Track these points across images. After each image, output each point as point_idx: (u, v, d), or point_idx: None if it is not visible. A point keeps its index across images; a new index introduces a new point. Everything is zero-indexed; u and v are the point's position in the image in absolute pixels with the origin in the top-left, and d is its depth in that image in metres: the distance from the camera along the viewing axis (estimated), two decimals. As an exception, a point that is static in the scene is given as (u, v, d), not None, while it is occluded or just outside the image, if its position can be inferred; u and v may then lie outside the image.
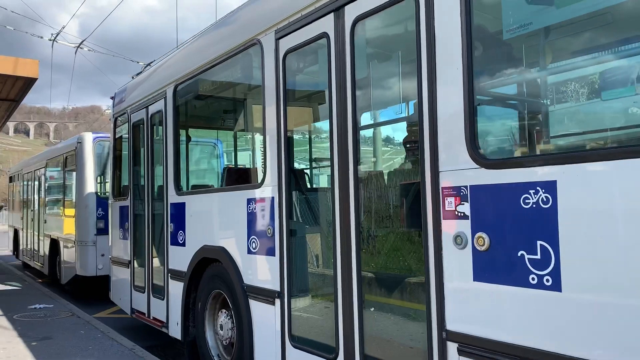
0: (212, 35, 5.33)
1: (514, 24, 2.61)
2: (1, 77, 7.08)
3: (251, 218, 4.37)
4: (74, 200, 10.22)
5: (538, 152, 2.98)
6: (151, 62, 15.59)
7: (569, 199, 2.19)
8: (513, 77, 3.03)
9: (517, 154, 2.99)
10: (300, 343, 3.82)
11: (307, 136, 7.00)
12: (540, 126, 3.06)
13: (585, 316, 2.14)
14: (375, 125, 5.80)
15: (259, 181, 4.30)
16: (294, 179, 4.21)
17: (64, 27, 15.09)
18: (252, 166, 7.40)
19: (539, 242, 2.29)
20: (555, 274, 2.23)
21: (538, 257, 2.29)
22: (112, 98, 7.69)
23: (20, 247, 15.48)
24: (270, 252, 4.08)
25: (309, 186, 5.67)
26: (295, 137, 6.65)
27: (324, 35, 3.55)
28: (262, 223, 4.21)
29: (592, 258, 2.13)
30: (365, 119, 5.75)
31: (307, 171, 6.62)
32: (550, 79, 2.98)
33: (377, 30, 3.59)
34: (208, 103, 6.48)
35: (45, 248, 12.09)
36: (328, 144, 3.56)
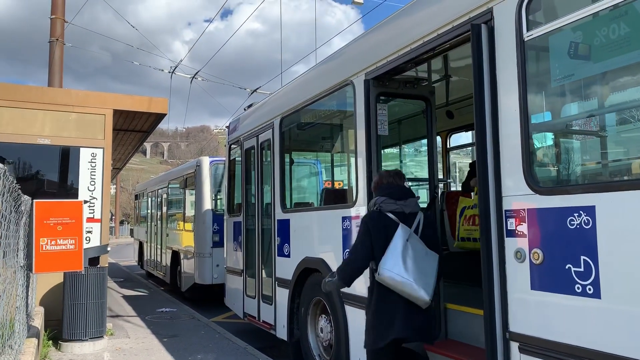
0: (312, 75, 6.13)
1: (561, 74, 3.09)
2: (138, 114, 8.44)
3: (345, 233, 5.03)
4: (192, 216, 11.49)
5: (581, 182, 3.38)
6: (257, 89, 16.82)
7: (605, 221, 2.62)
8: (562, 117, 3.46)
9: (564, 183, 3.40)
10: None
11: (399, 156, 7.59)
12: (583, 158, 3.48)
13: (620, 319, 2.56)
14: (460, 147, 6.35)
15: (353, 201, 4.96)
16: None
17: (181, 61, 16.85)
18: (346, 186, 8.10)
19: (582, 257, 2.74)
20: (596, 284, 2.66)
21: (582, 269, 2.74)
22: (227, 127, 8.78)
23: (145, 258, 17.15)
24: (363, 263, 4.71)
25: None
26: (386, 157, 7.27)
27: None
28: (355, 238, 4.86)
29: (625, 271, 2.54)
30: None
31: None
32: (593, 119, 3.39)
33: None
34: (308, 130, 7.29)
35: (167, 259, 13.48)
36: (414, 164, 4.16)
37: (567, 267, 2.82)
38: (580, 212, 2.75)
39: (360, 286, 4.75)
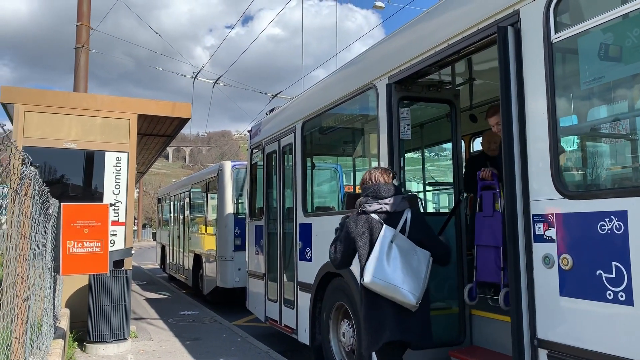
0: (334, 79, 6.13)
1: (590, 77, 3.03)
2: (162, 118, 8.54)
3: (369, 238, 5.00)
4: (214, 220, 11.57)
5: (611, 186, 3.30)
6: (278, 93, 16.89)
7: (638, 226, 2.56)
8: (591, 120, 3.39)
9: (594, 187, 3.33)
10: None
11: (420, 161, 7.55)
12: (613, 162, 3.40)
13: (654, 328, 2.49)
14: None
15: (376, 206, 4.92)
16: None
17: (203, 66, 17.06)
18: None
19: (613, 263, 2.67)
20: (628, 291, 2.60)
21: (613, 275, 2.67)
22: (249, 132, 8.83)
23: (167, 261, 17.27)
24: (386, 268, 4.68)
25: (421, 209, 6.18)
26: (409, 162, 7.23)
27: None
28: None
29: (659, 277, 2.48)
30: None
31: (421, 195, 7.13)
32: (623, 122, 3.32)
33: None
34: (330, 135, 7.29)
35: (189, 262, 13.60)
36: (436, 168, 4.14)
37: (597, 274, 2.76)
38: (612, 217, 2.68)
39: (383, 291, 4.72)
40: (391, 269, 3.40)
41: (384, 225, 3.54)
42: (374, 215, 3.60)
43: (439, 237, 3.79)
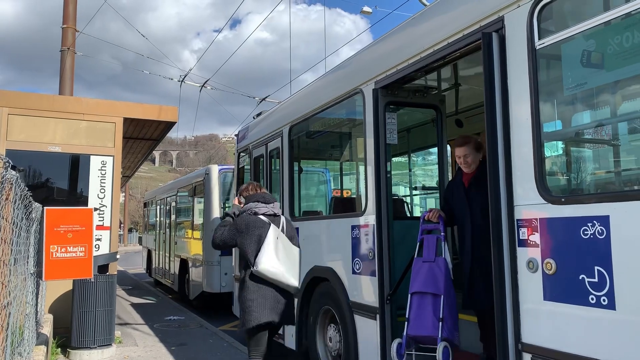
0: (321, 84, 6.13)
1: (573, 83, 3.06)
2: (148, 122, 8.49)
3: (355, 242, 5.01)
4: (201, 224, 11.50)
5: (594, 191, 3.34)
6: (265, 97, 16.87)
7: (620, 230, 2.59)
8: (574, 126, 3.43)
9: (577, 192, 3.37)
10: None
11: (407, 165, 7.57)
12: (596, 168, 3.44)
13: (636, 331, 2.51)
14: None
15: (362, 210, 4.94)
16: (392, 208, 4.79)
17: (191, 70, 16.94)
18: (355, 195, 8.08)
19: (596, 268, 2.70)
20: (610, 295, 2.62)
21: (596, 280, 2.70)
22: (236, 135, 8.80)
23: (153, 266, 17.15)
24: (372, 273, 4.69)
25: (408, 214, 6.21)
26: (395, 166, 7.25)
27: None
28: (364, 247, 4.84)
29: (641, 282, 2.50)
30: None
31: (407, 199, 7.16)
32: (606, 128, 3.36)
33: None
34: (317, 139, 7.29)
35: (175, 267, 13.50)
36: (425, 174, 4.13)
37: (580, 278, 2.78)
38: (594, 221, 2.71)
39: (370, 296, 4.72)
40: (280, 260, 4.20)
41: (272, 224, 4.31)
42: (262, 217, 4.36)
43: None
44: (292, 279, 4.25)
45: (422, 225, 4.25)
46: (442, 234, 4.10)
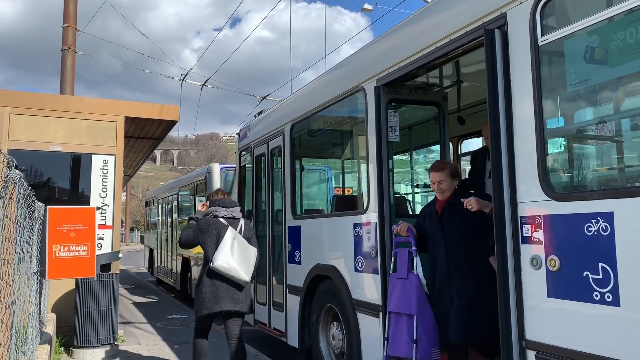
0: (323, 82, 6.13)
1: (576, 79, 3.06)
2: (149, 121, 8.49)
3: (357, 240, 5.01)
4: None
5: (598, 187, 3.33)
6: (266, 96, 16.88)
7: (624, 227, 2.58)
8: (578, 122, 3.43)
9: (580, 188, 3.36)
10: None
11: (409, 163, 7.55)
12: (599, 164, 3.43)
13: (640, 328, 2.51)
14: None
15: (364, 208, 4.93)
16: (394, 206, 4.79)
17: (191, 69, 16.95)
18: (357, 193, 8.07)
19: (600, 264, 2.69)
20: (615, 292, 2.62)
21: (600, 276, 2.69)
22: (237, 134, 8.80)
23: (155, 265, 17.13)
24: (374, 271, 4.69)
25: (410, 212, 6.20)
26: (397, 164, 7.24)
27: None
28: (366, 245, 4.84)
29: (645, 278, 2.50)
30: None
31: (409, 197, 7.15)
32: (609, 124, 3.35)
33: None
34: (319, 137, 7.28)
35: (177, 266, 13.49)
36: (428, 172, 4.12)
37: (584, 275, 2.78)
38: (598, 218, 2.71)
39: (372, 294, 4.72)
40: (234, 258, 4.87)
41: (229, 227, 5.01)
42: (222, 220, 5.05)
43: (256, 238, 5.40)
44: (244, 274, 4.90)
45: (394, 238, 4.23)
46: (413, 248, 4.02)
